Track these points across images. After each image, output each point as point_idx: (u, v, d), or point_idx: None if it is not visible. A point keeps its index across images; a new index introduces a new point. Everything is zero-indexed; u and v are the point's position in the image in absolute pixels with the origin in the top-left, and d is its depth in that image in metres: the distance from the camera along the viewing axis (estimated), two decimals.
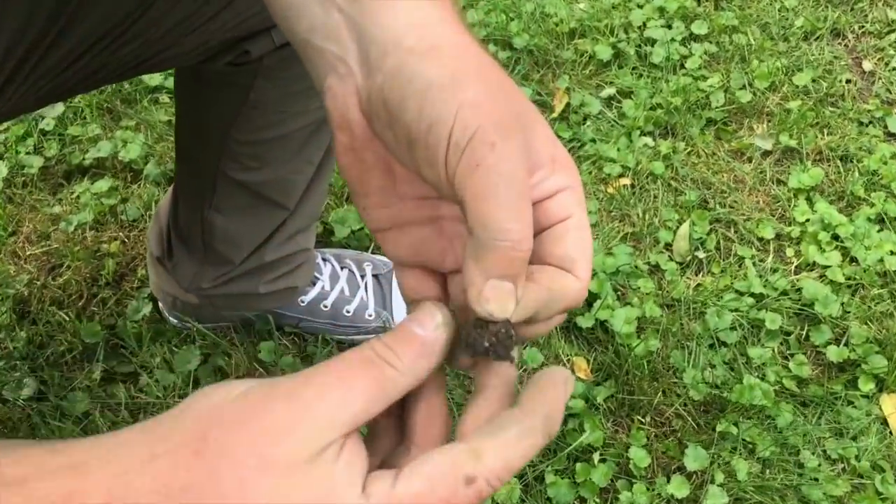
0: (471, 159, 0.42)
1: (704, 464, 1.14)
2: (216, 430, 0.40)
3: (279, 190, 1.07)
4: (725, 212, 1.45)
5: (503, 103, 0.43)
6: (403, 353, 0.42)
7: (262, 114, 0.94)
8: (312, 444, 0.39)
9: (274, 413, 0.40)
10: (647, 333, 1.27)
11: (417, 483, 0.39)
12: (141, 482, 0.39)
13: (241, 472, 0.39)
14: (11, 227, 1.44)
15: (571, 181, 0.46)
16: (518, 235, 0.42)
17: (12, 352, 1.27)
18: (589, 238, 0.47)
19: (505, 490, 1.11)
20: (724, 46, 1.70)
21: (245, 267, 1.16)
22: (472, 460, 0.39)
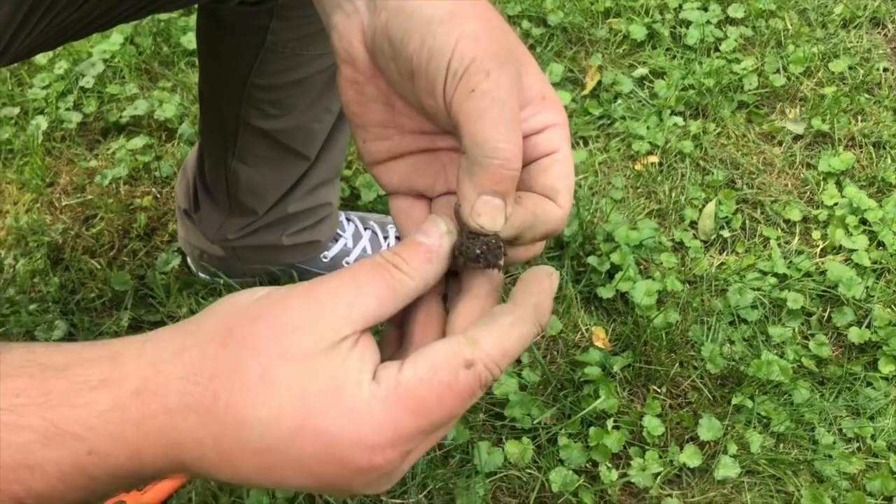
0: (467, 85, 0.45)
1: (718, 434, 1.14)
2: (240, 326, 0.43)
3: (300, 138, 1.09)
4: (753, 192, 1.45)
5: (499, 38, 0.46)
6: (410, 258, 0.45)
7: (280, 56, 0.96)
8: (328, 337, 0.42)
9: (292, 310, 0.43)
10: (667, 306, 1.27)
11: (421, 368, 0.42)
12: (172, 370, 0.42)
13: (262, 360, 0.42)
14: (49, 179, 1.47)
15: (559, 119, 0.50)
16: (508, 154, 0.45)
17: (45, 295, 1.30)
18: (572, 172, 0.50)
19: (517, 450, 1.13)
20: (760, 30, 1.69)
21: (268, 218, 1.18)
22: (470, 346, 0.42)
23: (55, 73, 1.62)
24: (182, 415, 0.41)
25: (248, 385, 0.41)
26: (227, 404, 0.41)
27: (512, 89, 0.46)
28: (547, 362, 1.23)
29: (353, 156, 1.49)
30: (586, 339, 1.26)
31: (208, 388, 0.41)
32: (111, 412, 0.41)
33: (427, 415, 0.41)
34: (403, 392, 0.41)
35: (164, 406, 0.41)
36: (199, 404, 0.41)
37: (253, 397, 0.41)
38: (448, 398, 0.42)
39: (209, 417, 0.41)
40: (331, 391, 0.41)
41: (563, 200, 0.49)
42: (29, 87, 1.61)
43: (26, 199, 1.44)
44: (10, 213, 1.42)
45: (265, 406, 0.40)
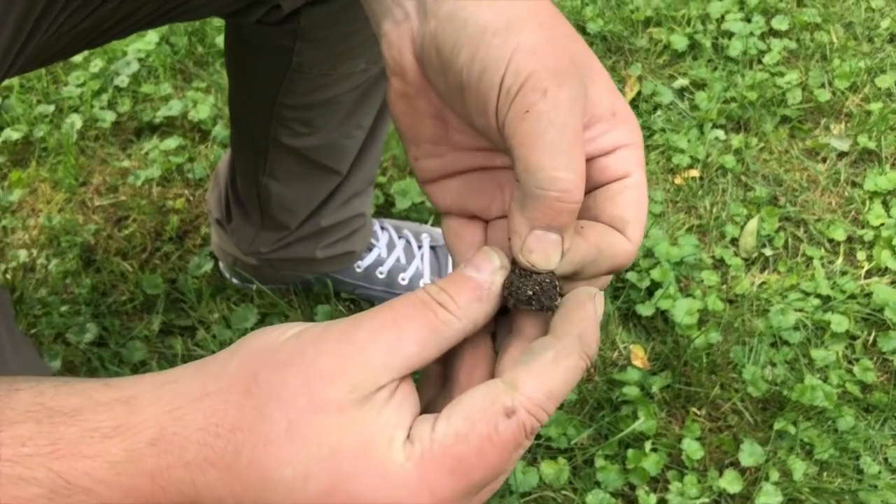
0: (521, 105, 0.40)
1: (760, 460, 1.11)
2: (266, 371, 0.39)
3: (331, 155, 1.07)
4: (796, 210, 1.42)
5: (560, 50, 0.41)
6: (458, 295, 0.40)
7: (307, 77, 0.93)
8: (363, 388, 0.38)
9: (325, 355, 0.39)
10: (708, 326, 1.24)
11: (456, 422, 0.38)
12: (192, 418, 0.39)
13: (289, 413, 0.38)
14: (82, 178, 1.46)
15: (632, 138, 0.44)
16: (566, 185, 0.40)
17: (77, 297, 1.29)
18: (645, 200, 0.45)
19: (553, 470, 1.10)
20: (805, 43, 1.66)
21: (301, 232, 1.16)
22: (510, 391, 0.38)
23: (90, 71, 1.61)
24: (201, 469, 0.38)
25: (274, 440, 0.38)
26: (249, 460, 0.37)
27: (573, 108, 0.41)
28: (583, 380, 1.20)
29: (388, 162, 1.47)
30: (624, 358, 1.23)
31: (230, 442, 0.38)
32: (124, 463, 0.38)
33: (467, 474, 0.37)
34: (439, 451, 0.37)
35: (181, 459, 0.38)
36: (220, 458, 0.38)
37: (278, 454, 0.37)
38: (490, 453, 0.37)
39: (230, 473, 0.38)
40: (363, 451, 0.37)
41: (632, 233, 0.44)
42: (64, 85, 1.60)
43: (59, 199, 1.43)
44: (43, 212, 1.41)
45: (291, 464, 0.37)
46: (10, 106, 1.56)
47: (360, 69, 0.94)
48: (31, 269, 1.34)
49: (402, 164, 1.47)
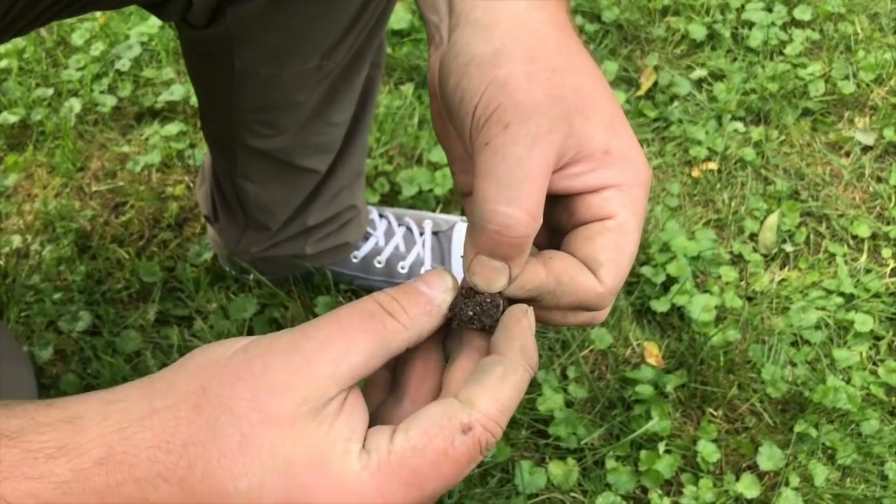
0: (484, 137, 0.41)
1: (779, 464, 1.06)
2: (215, 385, 0.39)
3: (303, 155, 1.02)
4: (818, 205, 1.36)
5: (537, 84, 0.42)
6: (409, 307, 0.41)
7: (254, 80, 0.89)
8: (314, 400, 0.38)
9: (273, 368, 0.39)
10: (726, 323, 1.19)
11: (414, 436, 0.38)
12: (141, 437, 0.38)
13: (242, 426, 0.38)
14: (80, 163, 1.42)
15: (624, 178, 0.44)
16: (506, 220, 0.40)
17: (71, 284, 1.25)
18: (628, 245, 0.44)
19: (562, 471, 1.05)
20: (828, 34, 1.60)
21: (288, 232, 1.12)
22: (466, 409, 0.39)
23: (91, 54, 1.57)
24: (153, 485, 0.38)
25: (227, 454, 0.37)
26: (203, 474, 0.38)
27: (536, 144, 0.41)
28: (594, 378, 1.15)
29: (395, 150, 1.42)
30: (637, 355, 1.18)
31: (182, 457, 0.37)
32: (71, 483, 0.37)
33: (421, 486, 0.38)
34: (396, 462, 0.38)
35: (132, 476, 0.37)
36: (173, 474, 0.38)
37: (232, 467, 0.37)
38: (444, 466, 0.38)
39: (184, 488, 0.37)
40: (317, 462, 0.37)
41: (604, 275, 0.44)
42: (64, 69, 1.56)
43: (56, 184, 1.39)
44: (39, 197, 1.37)
45: (246, 477, 0.37)
46: (8, 89, 1.52)
47: (312, 66, 0.89)
48: (24, 256, 1.30)
49: (409, 153, 1.42)
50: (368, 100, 1.02)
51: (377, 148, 1.42)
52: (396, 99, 1.50)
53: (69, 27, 1.63)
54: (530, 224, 0.41)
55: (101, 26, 1.61)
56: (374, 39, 0.92)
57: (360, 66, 0.94)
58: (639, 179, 0.44)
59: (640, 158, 0.44)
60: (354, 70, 0.93)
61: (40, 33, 1.63)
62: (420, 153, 1.41)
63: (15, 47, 1.59)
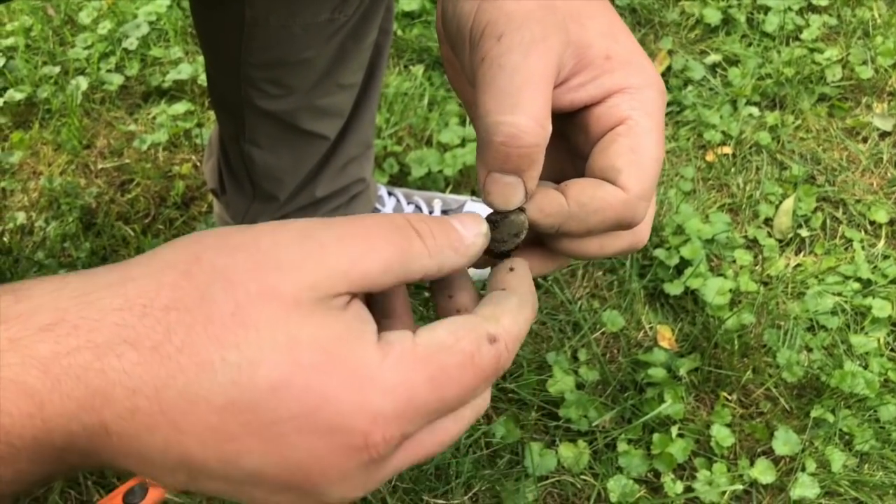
0: (479, 53, 0.40)
1: (795, 450, 1.04)
2: (212, 253, 0.33)
3: (312, 118, 1.00)
4: (834, 190, 1.34)
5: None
6: (438, 234, 0.37)
7: (265, 30, 0.88)
8: (322, 289, 0.33)
9: (283, 247, 0.34)
10: (741, 307, 1.17)
11: (441, 334, 0.35)
12: (108, 301, 0.31)
13: (238, 295, 0.32)
14: (86, 141, 1.41)
15: (631, 81, 0.41)
16: (510, 129, 0.38)
17: (75, 261, 1.23)
18: (646, 144, 0.41)
19: (572, 453, 1.03)
20: (846, 19, 1.57)
21: (296, 204, 1.10)
22: (493, 321, 0.36)
23: (98, 33, 1.55)
24: (116, 351, 0.30)
25: (217, 321, 0.31)
26: (183, 342, 0.31)
27: (531, 51, 0.39)
28: (606, 360, 1.13)
29: (404, 131, 1.40)
30: (650, 339, 1.16)
31: (160, 321, 0.31)
32: (4, 353, 0.30)
33: (443, 387, 0.34)
34: (423, 354, 0.34)
35: (90, 341, 0.30)
36: (145, 338, 0.31)
37: (221, 336, 0.31)
38: (469, 373, 0.34)
39: (155, 356, 0.31)
40: (328, 346, 0.32)
41: (626, 180, 0.40)
42: (71, 47, 1.55)
43: (61, 161, 1.38)
44: (45, 174, 1.36)
45: (237, 349, 0.31)
46: (15, 66, 1.51)
47: (323, 18, 0.88)
48: (29, 232, 1.28)
49: (419, 134, 1.40)
50: (376, 67, 1.00)
51: (386, 128, 1.40)
52: (406, 80, 1.48)
53: (76, 5, 1.61)
54: (537, 130, 0.38)
55: (109, 5, 1.59)
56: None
57: (369, 25, 0.92)
58: (647, 81, 0.41)
59: (645, 62, 0.42)
60: (364, 29, 0.92)
61: (47, 11, 1.61)
62: (430, 134, 1.39)
63: (22, 25, 1.57)
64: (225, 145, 1.09)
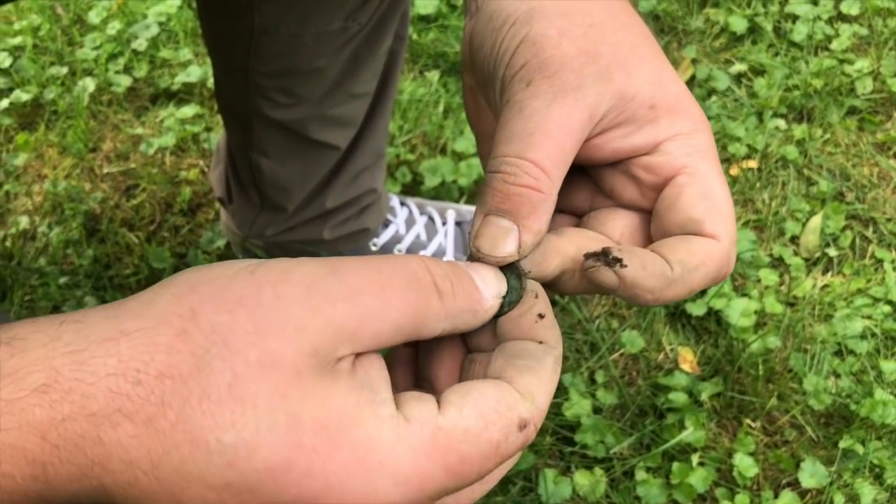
0: (506, 95, 0.38)
1: (823, 482, 0.99)
2: (210, 308, 0.31)
3: (322, 128, 0.97)
4: (864, 208, 1.28)
5: (577, 40, 0.38)
6: (459, 295, 0.34)
7: (275, 39, 0.85)
8: (325, 354, 0.31)
9: (287, 300, 0.31)
10: (766, 330, 1.12)
11: (469, 417, 0.32)
12: (100, 363, 0.30)
13: (236, 364, 0.30)
14: (92, 144, 1.37)
15: (680, 127, 0.39)
16: (512, 167, 0.36)
17: (77, 268, 1.20)
18: (715, 187, 0.38)
19: (588, 481, 0.98)
20: (877, 30, 1.52)
21: (306, 215, 1.06)
22: (529, 401, 0.33)
23: (107, 33, 1.52)
24: (111, 422, 0.30)
25: (213, 395, 0.29)
26: (178, 417, 0.30)
27: (555, 101, 0.37)
28: (625, 383, 1.08)
29: (418, 139, 1.36)
30: (671, 361, 1.11)
31: (154, 391, 0.30)
32: (2, 417, 0.29)
33: (461, 477, 0.32)
34: (444, 442, 0.31)
35: (84, 409, 0.30)
36: (139, 410, 0.30)
37: (217, 414, 0.30)
38: (491, 461, 0.32)
39: (150, 430, 0.30)
40: (334, 424, 0.30)
41: (712, 228, 0.38)
42: (79, 47, 1.52)
43: (66, 165, 1.34)
44: (49, 177, 1.32)
45: (234, 429, 0.29)
46: (22, 66, 1.48)
47: (335, 27, 0.84)
48: (31, 237, 1.25)
49: (432, 142, 1.36)
50: (391, 75, 0.96)
51: (400, 136, 1.36)
52: (421, 86, 1.43)
53: (86, 5, 1.58)
54: (539, 174, 0.36)
55: (119, 5, 1.56)
56: (400, 5, 0.86)
57: (383, 33, 0.88)
58: (696, 125, 0.39)
59: (692, 107, 0.40)
60: (378, 37, 0.88)
61: (56, 10, 1.58)
62: (444, 143, 1.35)
63: (30, 24, 1.54)
64: (232, 153, 1.05)
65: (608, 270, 0.36)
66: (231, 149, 1.04)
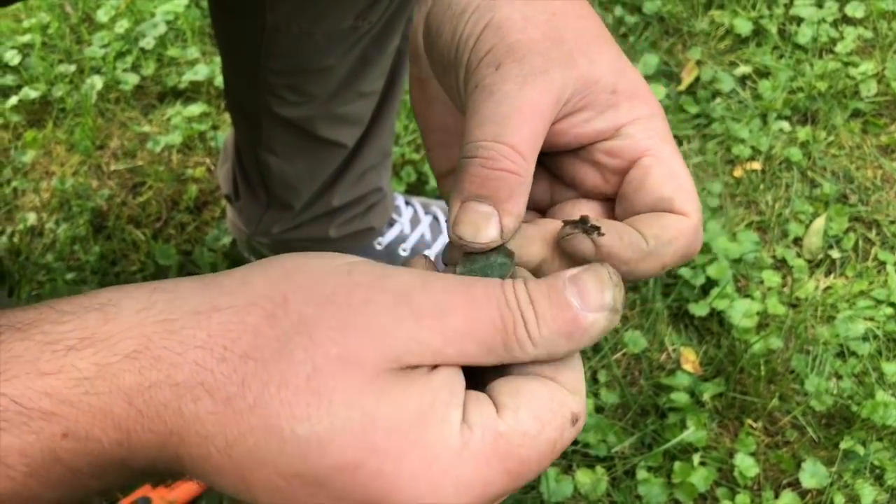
0: (474, 80, 0.38)
1: (823, 483, 0.99)
2: (301, 298, 0.31)
3: (330, 126, 0.97)
4: (868, 210, 1.29)
5: (534, 25, 0.38)
6: (546, 321, 0.33)
7: (286, 37, 0.86)
8: (405, 361, 0.31)
9: (376, 306, 0.31)
10: (768, 331, 1.12)
11: (526, 420, 0.32)
12: (191, 333, 0.31)
13: (316, 357, 0.30)
14: (99, 142, 1.38)
15: (638, 112, 0.40)
16: (490, 151, 0.36)
17: (84, 264, 1.21)
18: (678, 168, 0.39)
19: (590, 480, 0.99)
20: (882, 32, 1.52)
21: (312, 213, 1.07)
22: (575, 397, 0.34)
23: (115, 31, 1.53)
24: (193, 394, 0.31)
25: (291, 385, 0.30)
26: (256, 400, 0.30)
27: (527, 83, 0.37)
28: (627, 383, 1.09)
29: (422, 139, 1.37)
30: (673, 361, 1.11)
31: (237, 370, 0.30)
32: (95, 380, 0.30)
33: (520, 477, 0.32)
34: (504, 447, 0.32)
35: (170, 378, 0.31)
36: (221, 387, 0.30)
37: (294, 404, 0.30)
38: (547, 459, 0.33)
39: (228, 409, 0.30)
40: (407, 427, 0.30)
41: (682, 206, 0.38)
42: (87, 45, 1.53)
43: (74, 162, 1.35)
44: (57, 174, 1.33)
45: (309, 422, 0.30)
46: (31, 64, 1.49)
47: (346, 26, 0.85)
48: (38, 234, 1.26)
49: None
50: (398, 75, 0.97)
51: (405, 136, 1.37)
52: None
53: (94, 3, 1.59)
54: (516, 157, 0.36)
55: (127, 3, 1.57)
56: (409, 5, 0.87)
57: (392, 33, 0.89)
58: (653, 111, 0.40)
59: (650, 94, 0.40)
60: (387, 37, 0.89)
61: (65, 9, 1.59)
62: None
63: (39, 22, 1.55)
64: (240, 151, 1.06)
65: (586, 238, 0.36)
66: (239, 146, 1.05)
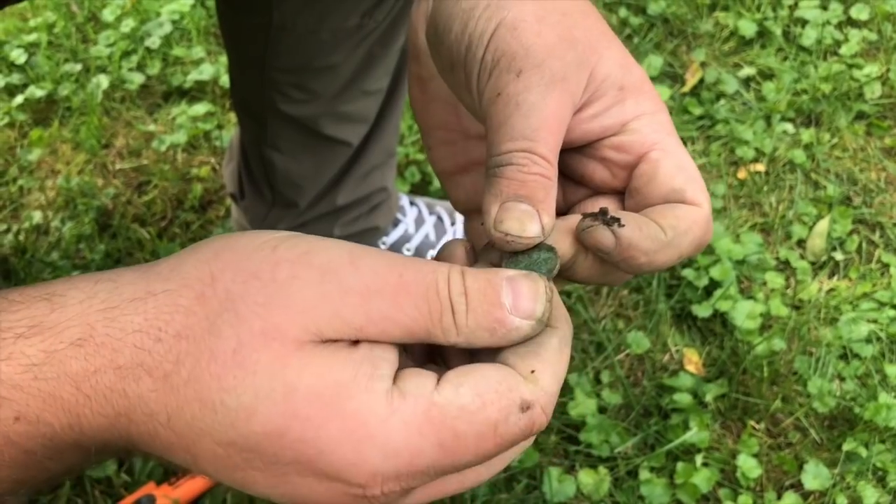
0: (495, 87, 0.38)
1: (826, 484, 0.99)
2: (228, 276, 0.33)
3: (335, 124, 0.98)
4: (871, 212, 1.29)
5: (549, 26, 0.39)
6: (475, 313, 0.34)
7: (292, 35, 0.87)
8: (327, 335, 0.32)
9: (301, 281, 0.33)
10: (771, 332, 1.12)
11: (466, 395, 0.32)
12: (129, 320, 0.33)
13: (241, 332, 0.32)
14: (105, 140, 1.39)
15: (644, 107, 0.41)
16: (525, 160, 0.37)
17: (89, 263, 1.21)
18: (686, 160, 0.40)
19: (592, 480, 0.99)
20: (887, 35, 1.52)
21: (317, 211, 1.07)
22: (530, 383, 0.33)
23: (121, 31, 1.54)
24: (134, 376, 0.33)
25: (219, 359, 0.32)
26: (190, 375, 0.32)
27: (550, 90, 0.38)
28: (630, 384, 1.09)
29: None
30: (676, 362, 1.12)
31: (172, 349, 0.32)
32: (43, 366, 0.32)
33: (454, 454, 0.32)
34: (437, 417, 0.32)
35: (113, 362, 0.33)
36: (158, 366, 0.32)
37: (221, 377, 0.32)
38: (488, 443, 0.33)
39: (166, 386, 0.32)
40: (329, 395, 0.31)
41: (693, 196, 0.39)
42: (93, 44, 1.53)
43: (79, 160, 1.36)
44: (62, 173, 1.34)
45: (235, 393, 0.32)
46: (37, 63, 1.49)
47: (352, 24, 0.86)
48: (44, 232, 1.27)
49: None
50: (403, 74, 0.97)
51: (409, 136, 1.37)
52: None
53: (101, 2, 1.59)
54: (545, 164, 0.38)
55: (133, 3, 1.58)
56: None
57: (398, 32, 0.90)
58: (657, 106, 0.41)
59: (653, 90, 0.41)
60: (392, 35, 0.89)
61: (71, 8, 1.60)
62: None
63: (45, 21, 1.56)
64: (246, 149, 1.06)
65: (606, 230, 0.37)
66: (244, 145, 1.05)
